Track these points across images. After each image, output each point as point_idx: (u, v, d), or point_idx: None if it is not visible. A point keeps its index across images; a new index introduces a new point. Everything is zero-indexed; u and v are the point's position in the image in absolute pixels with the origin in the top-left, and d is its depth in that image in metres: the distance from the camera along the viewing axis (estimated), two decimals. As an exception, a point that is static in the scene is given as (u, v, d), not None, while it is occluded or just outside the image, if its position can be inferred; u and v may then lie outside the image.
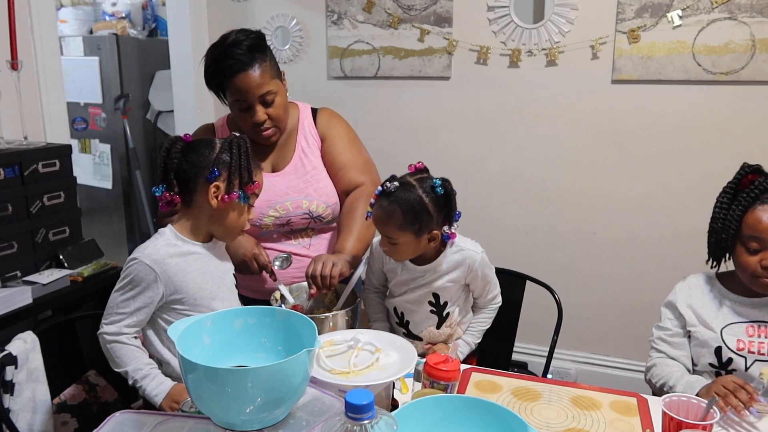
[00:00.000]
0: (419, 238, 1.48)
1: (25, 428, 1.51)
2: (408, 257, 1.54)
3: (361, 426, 0.81)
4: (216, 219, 1.41)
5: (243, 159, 1.37)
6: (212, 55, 1.60)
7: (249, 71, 1.55)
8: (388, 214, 1.45)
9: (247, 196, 1.39)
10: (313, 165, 1.71)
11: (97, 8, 3.56)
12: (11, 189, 1.80)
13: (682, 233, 2.51)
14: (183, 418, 1.09)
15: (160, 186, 1.39)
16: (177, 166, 1.37)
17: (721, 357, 1.43)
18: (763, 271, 1.36)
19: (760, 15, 2.29)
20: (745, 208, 1.38)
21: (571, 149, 2.64)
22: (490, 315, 1.67)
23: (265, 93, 1.58)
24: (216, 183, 1.36)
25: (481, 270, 1.57)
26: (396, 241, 1.48)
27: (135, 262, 1.35)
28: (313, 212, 1.69)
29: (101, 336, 1.39)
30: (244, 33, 1.59)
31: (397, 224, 1.45)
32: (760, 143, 2.38)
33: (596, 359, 2.79)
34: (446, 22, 2.67)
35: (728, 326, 1.43)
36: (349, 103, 2.68)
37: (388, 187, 1.46)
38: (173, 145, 1.38)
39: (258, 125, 1.60)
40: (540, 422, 1.27)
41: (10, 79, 1.91)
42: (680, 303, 1.50)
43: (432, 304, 1.60)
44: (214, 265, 1.46)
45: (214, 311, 1.39)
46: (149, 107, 3.48)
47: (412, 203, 1.44)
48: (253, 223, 1.63)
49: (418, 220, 1.44)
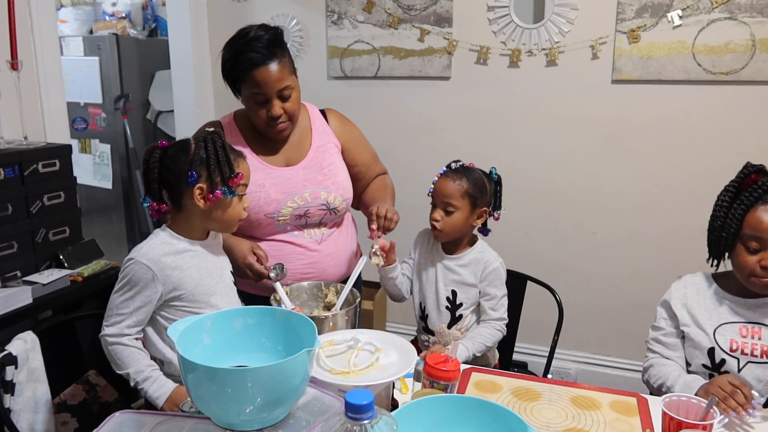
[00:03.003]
0: (472, 213, 1.69)
1: (25, 428, 1.51)
2: (454, 234, 1.71)
3: (361, 426, 0.81)
4: (208, 217, 1.41)
5: (220, 154, 1.36)
6: (232, 48, 1.60)
7: (269, 65, 1.56)
8: (458, 182, 1.67)
9: (232, 191, 1.38)
10: (330, 161, 1.74)
11: (97, 8, 3.56)
12: (11, 189, 1.79)
13: (682, 233, 2.51)
14: (183, 418, 1.09)
15: (146, 197, 1.41)
16: (158, 175, 1.39)
17: (714, 358, 1.42)
18: (761, 271, 1.36)
19: (760, 15, 2.29)
20: (747, 207, 1.37)
21: (571, 149, 2.64)
22: (494, 333, 1.72)
23: (284, 88, 1.60)
24: (198, 185, 1.36)
25: (495, 276, 1.72)
26: (454, 209, 1.66)
27: (132, 263, 1.36)
28: (330, 204, 1.72)
29: (103, 338, 1.39)
30: (264, 28, 1.60)
31: (462, 191, 1.66)
32: (760, 143, 2.38)
33: (596, 359, 2.79)
34: (446, 22, 2.68)
35: (721, 326, 1.43)
36: (349, 103, 2.68)
37: (455, 166, 1.71)
38: (151, 155, 1.39)
39: (274, 119, 1.62)
40: (540, 422, 1.27)
41: (10, 79, 1.91)
42: (675, 302, 1.50)
43: (449, 301, 1.74)
44: (211, 262, 1.46)
45: (212, 307, 1.41)
46: (149, 107, 3.48)
47: (476, 178, 1.69)
48: (269, 215, 1.65)
49: (479, 192, 1.68)
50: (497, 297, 1.73)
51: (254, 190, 1.64)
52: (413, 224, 1.86)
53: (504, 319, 1.75)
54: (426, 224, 1.84)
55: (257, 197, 1.64)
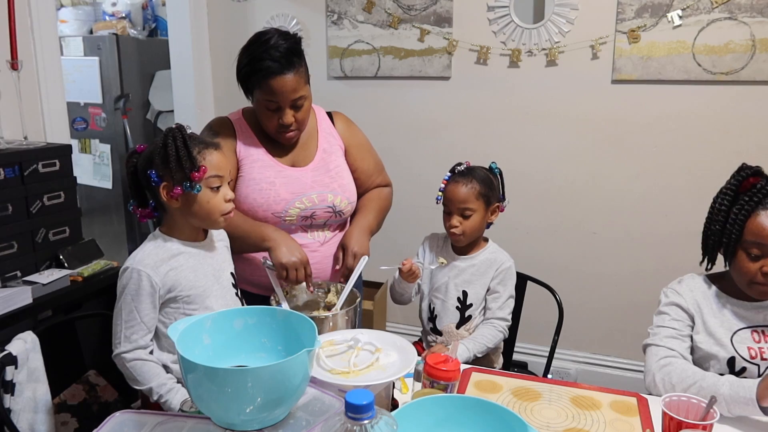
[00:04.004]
0: (487, 210, 1.72)
1: (25, 428, 1.51)
2: (474, 235, 1.74)
3: (361, 426, 0.81)
4: (186, 213, 1.40)
5: (181, 150, 1.33)
6: (251, 53, 1.59)
7: (286, 75, 1.56)
8: (470, 185, 1.70)
9: (193, 185, 1.34)
10: (336, 164, 1.75)
11: (97, 8, 3.56)
12: (11, 189, 1.80)
13: (682, 233, 2.51)
14: (183, 418, 1.09)
15: (131, 201, 1.41)
16: (137, 179, 1.39)
17: (734, 367, 1.38)
18: (762, 278, 1.32)
19: (760, 15, 2.29)
20: (748, 213, 1.33)
21: (571, 149, 2.64)
22: (495, 334, 1.72)
23: (298, 98, 1.60)
24: (163, 183, 1.35)
25: (507, 275, 1.76)
26: (471, 212, 1.69)
27: (128, 271, 1.36)
28: (336, 207, 1.72)
29: (118, 358, 1.36)
30: (284, 36, 1.59)
31: (475, 193, 1.69)
32: (760, 143, 2.38)
33: (596, 359, 2.79)
34: (446, 22, 2.67)
35: (736, 334, 1.39)
36: (349, 103, 2.68)
37: (460, 169, 1.73)
38: (129, 160, 1.39)
39: (284, 127, 1.63)
40: (540, 422, 1.27)
41: (10, 79, 1.91)
42: (689, 305, 1.44)
43: (459, 301, 1.76)
44: (207, 264, 1.46)
45: (208, 309, 1.40)
46: (149, 107, 3.48)
47: (483, 176, 1.72)
48: (277, 214, 1.65)
49: (490, 190, 1.71)
50: (504, 296, 1.74)
51: (264, 188, 1.64)
52: (413, 224, 1.86)
53: (507, 320, 1.75)
54: (426, 224, 1.85)
55: (267, 195, 1.65)
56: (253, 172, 1.66)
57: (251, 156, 1.68)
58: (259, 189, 1.65)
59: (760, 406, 1.23)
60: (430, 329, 1.82)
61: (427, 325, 1.84)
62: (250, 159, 1.68)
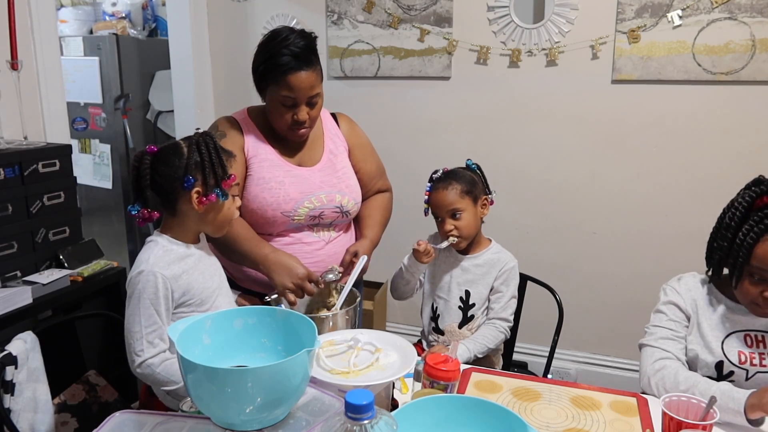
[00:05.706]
0: (476, 207, 1.73)
1: (25, 428, 1.51)
2: (472, 234, 1.74)
3: (361, 426, 0.81)
4: (203, 220, 1.40)
5: (214, 156, 1.35)
6: (270, 48, 1.60)
7: (305, 72, 1.57)
8: (451, 187, 1.71)
9: (225, 193, 1.37)
10: (342, 165, 1.76)
11: (97, 8, 3.56)
12: (11, 189, 1.80)
13: (682, 233, 2.51)
14: (183, 418, 1.09)
15: (135, 204, 1.37)
16: (151, 181, 1.36)
17: (722, 370, 1.38)
18: (763, 302, 1.31)
19: (760, 15, 2.29)
20: (757, 236, 1.28)
21: (571, 149, 2.64)
22: (496, 335, 1.72)
23: (314, 95, 1.61)
24: (195, 189, 1.35)
25: (510, 275, 1.76)
26: (461, 212, 1.70)
27: (143, 275, 1.32)
28: (344, 207, 1.73)
29: (145, 366, 1.31)
30: (302, 35, 1.61)
31: (459, 192, 1.70)
32: (760, 143, 2.37)
33: (596, 359, 2.79)
34: (446, 22, 2.68)
35: (727, 339, 1.39)
36: (349, 103, 2.68)
37: (439, 175, 1.76)
38: (141, 162, 1.35)
39: (298, 123, 1.63)
40: (540, 422, 1.27)
41: (10, 79, 1.91)
42: (687, 305, 1.44)
43: (462, 301, 1.76)
44: (209, 264, 1.46)
45: (218, 308, 1.40)
46: (149, 107, 3.48)
47: (463, 175, 1.74)
48: (286, 213, 1.65)
49: (472, 186, 1.73)
50: (506, 297, 1.74)
51: (274, 187, 1.65)
52: (413, 223, 1.86)
53: (508, 321, 1.75)
54: (426, 224, 1.85)
55: (276, 194, 1.65)
56: (263, 171, 1.67)
57: (260, 155, 1.68)
58: (269, 188, 1.65)
59: (747, 419, 1.24)
60: (432, 329, 1.82)
61: (429, 324, 1.84)
62: (258, 158, 1.68)
